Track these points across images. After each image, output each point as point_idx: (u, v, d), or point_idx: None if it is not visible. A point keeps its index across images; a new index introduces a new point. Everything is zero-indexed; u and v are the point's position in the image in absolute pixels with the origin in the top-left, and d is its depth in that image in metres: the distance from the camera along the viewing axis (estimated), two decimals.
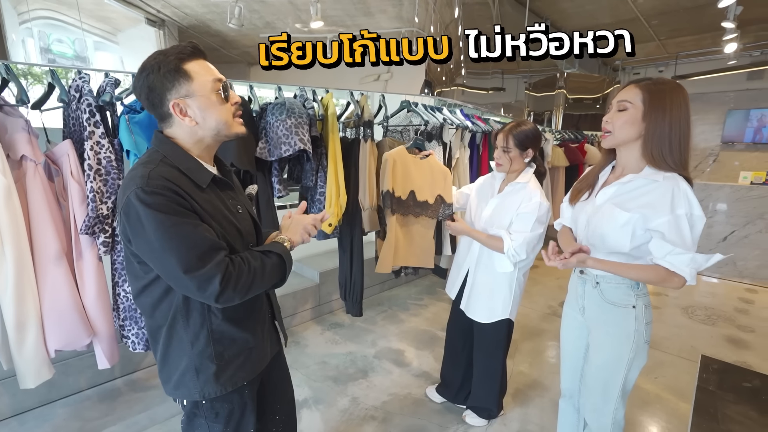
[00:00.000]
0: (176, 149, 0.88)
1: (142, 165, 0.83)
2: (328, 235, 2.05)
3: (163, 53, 0.83)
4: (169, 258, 0.78)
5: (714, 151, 6.25)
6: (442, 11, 2.88)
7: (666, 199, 1.05)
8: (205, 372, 0.92)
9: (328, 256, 3.35)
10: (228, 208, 0.93)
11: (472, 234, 1.70)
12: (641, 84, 1.10)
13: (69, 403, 1.94)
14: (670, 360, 2.56)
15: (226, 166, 1.03)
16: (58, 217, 1.51)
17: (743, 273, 4.10)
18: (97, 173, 1.46)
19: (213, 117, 0.87)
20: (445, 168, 2.10)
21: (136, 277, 0.89)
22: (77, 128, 1.52)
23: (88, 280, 1.55)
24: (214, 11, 1.93)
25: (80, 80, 1.46)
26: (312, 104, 1.92)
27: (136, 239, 0.81)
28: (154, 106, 0.86)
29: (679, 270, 1.03)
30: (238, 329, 0.95)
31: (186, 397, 0.94)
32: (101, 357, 1.64)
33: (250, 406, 1.02)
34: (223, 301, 0.83)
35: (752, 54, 5.50)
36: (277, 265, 0.93)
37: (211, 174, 0.90)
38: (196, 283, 0.79)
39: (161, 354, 0.93)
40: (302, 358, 2.50)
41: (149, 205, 0.77)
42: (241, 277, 0.83)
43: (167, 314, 0.89)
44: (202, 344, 0.91)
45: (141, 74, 0.84)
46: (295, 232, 1.02)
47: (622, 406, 1.26)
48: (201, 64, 0.86)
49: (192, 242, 0.79)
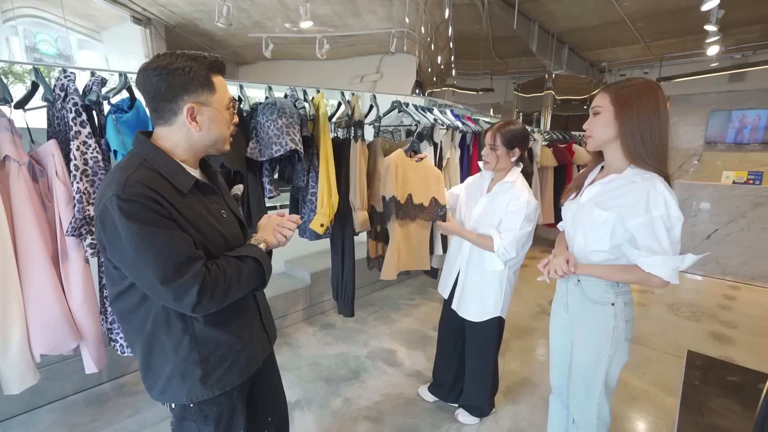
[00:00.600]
0: (157, 152, 0.86)
1: (120, 169, 0.82)
2: (320, 235, 2.04)
3: (191, 58, 0.84)
4: (145, 268, 0.77)
5: (697, 151, 6.39)
6: (432, 12, 2.90)
7: (641, 201, 1.09)
8: (191, 376, 0.91)
9: (320, 256, 3.34)
10: (212, 214, 0.92)
11: (462, 234, 1.72)
12: (608, 88, 1.17)
13: (55, 408, 1.89)
14: (657, 356, 2.61)
15: (211, 167, 1.02)
16: (43, 219, 1.47)
17: (726, 270, 4.20)
18: (83, 174, 1.44)
19: (218, 131, 0.90)
20: (438, 170, 2.12)
21: (113, 283, 0.88)
22: (62, 128, 1.49)
23: (74, 283, 1.52)
24: (202, 10, 1.90)
25: (65, 79, 1.43)
26: (303, 104, 1.91)
27: (111, 248, 0.79)
28: (164, 101, 0.84)
29: (654, 271, 1.07)
30: (222, 332, 0.94)
31: (173, 400, 0.93)
32: (88, 361, 1.61)
33: (240, 407, 1.01)
34: (200, 310, 0.82)
35: (733, 56, 5.65)
36: (253, 270, 0.91)
37: (194, 178, 0.89)
38: (172, 294, 0.79)
39: (143, 361, 0.92)
40: (294, 359, 2.48)
41: (125, 213, 0.76)
42: (218, 287, 0.83)
43: (145, 321, 0.88)
44: (186, 349, 0.89)
45: (162, 71, 0.82)
46: (269, 232, 1.01)
47: (606, 402, 1.29)
48: (221, 81, 0.90)
49: (169, 253, 0.78)
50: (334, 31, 2.41)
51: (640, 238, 1.10)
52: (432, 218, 2.05)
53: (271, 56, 2.10)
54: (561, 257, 1.20)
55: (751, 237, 4.06)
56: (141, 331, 0.88)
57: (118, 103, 1.54)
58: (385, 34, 2.60)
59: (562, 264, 1.18)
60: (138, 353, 0.92)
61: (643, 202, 1.08)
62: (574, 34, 5.27)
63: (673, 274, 1.06)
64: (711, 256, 4.27)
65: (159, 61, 0.83)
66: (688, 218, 4.39)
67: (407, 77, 2.72)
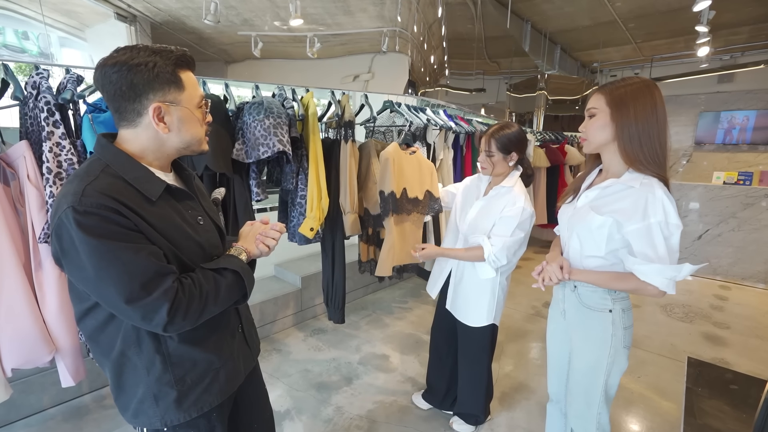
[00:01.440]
0: (121, 156, 0.78)
1: (78, 178, 0.74)
2: (310, 240, 1.98)
3: (155, 53, 0.76)
4: (107, 287, 0.70)
5: (687, 151, 6.45)
6: (425, 11, 2.85)
7: (639, 206, 1.05)
8: (165, 399, 0.84)
9: (311, 259, 3.27)
10: (186, 221, 0.84)
11: (447, 254, 1.68)
12: (603, 89, 1.13)
13: (31, 423, 1.80)
14: (652, 359, 2.59)
15: (186, 170, 0.94)
16: (14, 225, 1.39)
17: (717, 270, 4.23)
18: (57, 177, 1.35)
19: (190, 132, 0.83)
20: (431, 163, 2.07)
21: (79, 299, 0.80)
22: (35, 128, 1.41)
23: (48, 292, 1.44)
24: (189, 7, 1.84)
25: (37, 76, 1.35)
26: (291, 104, 1.84)
27: (69, 265, 0.72)
28: (127, 101, 0.76)
29: (650, 279, 1.03)
30: (199, 350, 0.86)
31: (146, 425, 0.86)
32: (65, 374, 1.52)
33: (219, 429, 0.94)
34: (173, 330, 0.75)
35: (722, 58, 5.71)
36: (233, 283, 0.84)
37: (164, 184, 0.81)
38: (140, 314, 0.72)
39: (114, 382, 0.85)
40: (284, 366, 2.41)
41: (83, 227, 0.68)
42: (192, 304, 0.76)
43: (114, 339, 0.81)
44: (159, 370, 0.82)
45: (121, 67, 0.74)
46: (251, 241, 0.94)
47: (605, 411, 1.26)
48: (191, 77, 0.82)
49: (134, 269, 0.71)
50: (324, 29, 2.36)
51: (636, 245, 1.06)
52: (427, 212, 2.00)
53: (260, 55, 2.04)
54: (555, 264, 1.15)
55: (741, 237, 4.08)
56: (110, 350, 0.81)
57: (95, 102, 1.45)
58: (376, 33, 2.55)
59: (556, 271, 1.14)
60: (108, 374, 0.85)
61: (641, 208, 1.05)
62: (566, 35, 5.28)
63: (670, 284, 1.02)
64: (702, 256, 4.29)
65: (118, 56, 0.75)
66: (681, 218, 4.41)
67: (399, 77, 2.67)
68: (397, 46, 2.61)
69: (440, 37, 3.03)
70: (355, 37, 2.52)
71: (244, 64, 2.04)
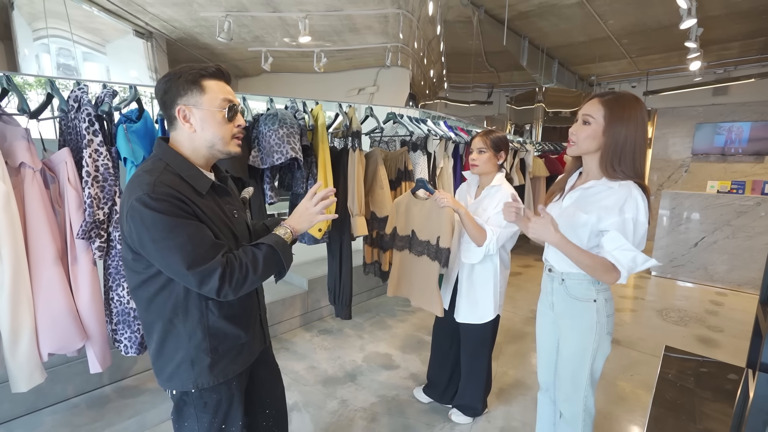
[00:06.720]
0: (178, 157, 0.95)
1: (146, 173, 0.90)
2: (318, 240, 2.12)
3: (189, 66, 0.93)
4: (174, 255, 0.85)
5: (685, 162, 6.58)
6: (425, 28, 3.03)
7: (618, 204, 1.18)
8: (200, 364, 0.98)
9: (317, 263, 3.41)
10: (225, 213, 1.01)
11: (460, 211, 1.67)
12: (604, 100, 1.20)
13: (57, 410, 1.93)
14: (645, 359, 2.68)
15: (222, 172, 1.11)
16: (53, 223, 1.54)
17: (714, 277, 4.31)
18: (95, 180, 1.51)
19: (211, 130, 0.95)
20: (450, 211, 1.78)
21: (134, 273, 0.95)
22: (74, 137, 1.57)
23: (82, 284, 1.58)
24: (203, 25, 1.97)
25: (79, 91, 1.52)
26: (303, 115, 2.01)
27: (142, 239, 0.86)
28: (165, 107, 0.94)
29: (620, 265, 1.14)
30: (232, 326, 1.02)
31: (178, 387, 1.00)
32: (93, 361, 1.66)
33: (238, 397, 1.07)
34: (223, 295, 0.90)
35: (716, 71, 5.87)
36: (269, 255, 0.97)
37: (210, 181, 0.98)
38: (198, 278, 0.86)
39: (156, 346, 0.99)
40: (291, 363, 2.53)
41: (156, 209, 0.84)
42: (234, 273, 0.90)
43: (164, 308, 0.95)
44: (199, 338, 0.97)
45: (164, 78, 0.93)
46: (296, 219, 1.06)
47: (591, 394, 1.36)
48: (219, 84, 0.95)
49: (196, 240, 0.87)
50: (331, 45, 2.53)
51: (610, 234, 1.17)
52: (433, 258, 1.87)
53: (270, 69, 2.19)
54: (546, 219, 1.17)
55: (736, 244, 4.18)
56: (160, 317, 0.96)
57: (128, 113, 1.62)
58: (381, 48, 2.72)
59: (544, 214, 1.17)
60: (153, 338, 0.98)
61: (620, 206, 1.17)
62: (563, 50, 5.46)
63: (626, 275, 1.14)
64: (699, 263, 4.38)
65: (166, 73, 0.93)
66: (677, 226, 4.51)
67: (401, 90, 2.83)
68: (399, 60, 2.77)
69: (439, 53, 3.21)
70: (361, 52, 2.66)
71: (256, 79, 2.17)
